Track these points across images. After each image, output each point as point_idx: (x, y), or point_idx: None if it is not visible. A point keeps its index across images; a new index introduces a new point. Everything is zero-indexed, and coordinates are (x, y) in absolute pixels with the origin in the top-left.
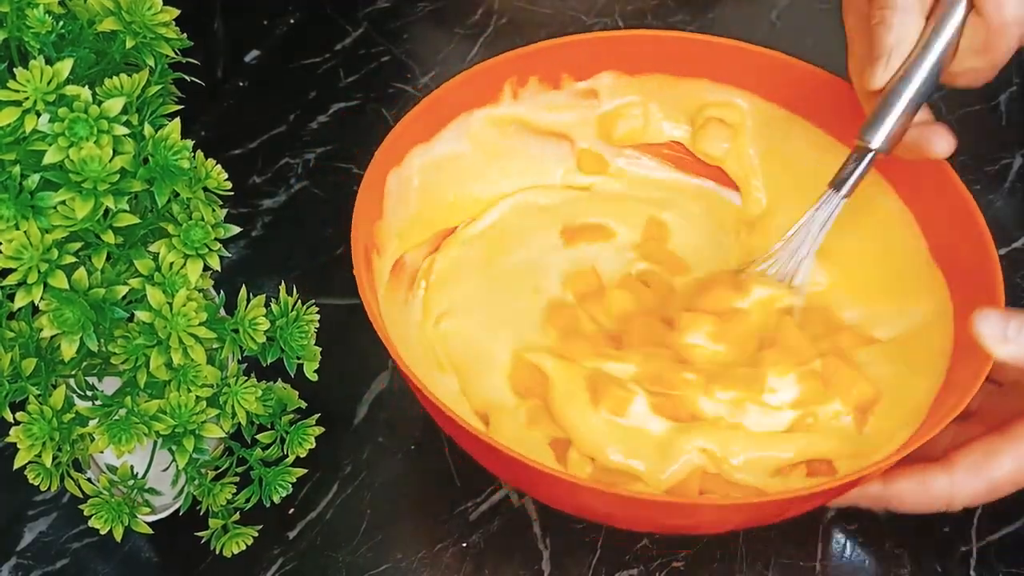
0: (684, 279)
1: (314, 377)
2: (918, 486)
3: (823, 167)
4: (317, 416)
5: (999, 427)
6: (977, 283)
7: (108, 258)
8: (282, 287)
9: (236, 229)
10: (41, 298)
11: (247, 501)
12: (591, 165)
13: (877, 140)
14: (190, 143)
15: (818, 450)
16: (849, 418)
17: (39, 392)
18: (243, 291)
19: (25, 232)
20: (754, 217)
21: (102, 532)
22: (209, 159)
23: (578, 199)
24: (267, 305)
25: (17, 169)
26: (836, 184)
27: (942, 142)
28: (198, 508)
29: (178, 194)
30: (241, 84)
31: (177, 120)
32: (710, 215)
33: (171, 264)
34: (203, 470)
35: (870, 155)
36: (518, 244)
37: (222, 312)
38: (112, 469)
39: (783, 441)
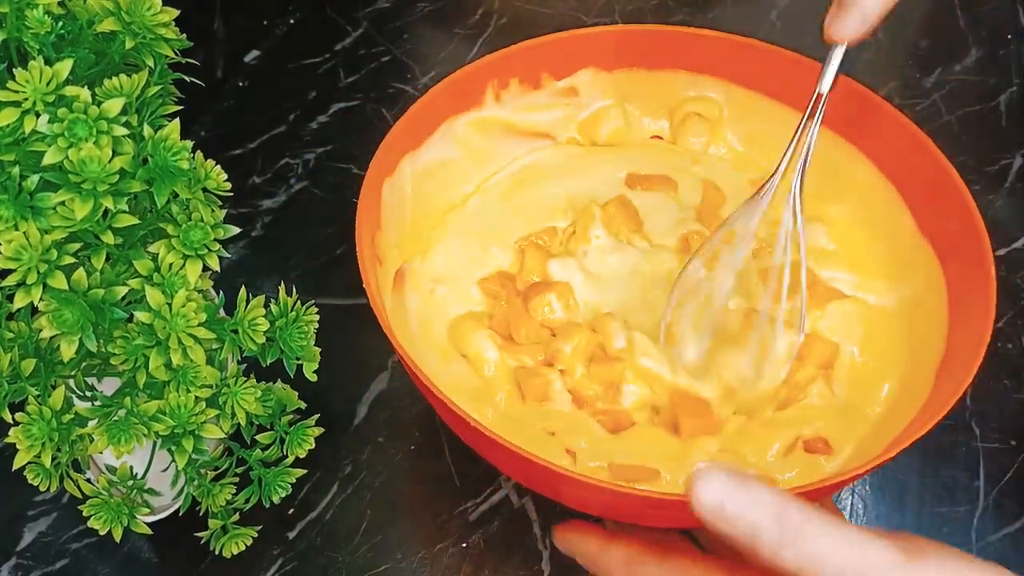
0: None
1: (313, 378)
2: (627, 562)
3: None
4: (317, 416)
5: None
6: (967, 255)
7: (107, 259)
8: (281, 287)
9: (235, 230)
10: (40, 299)
11: (247, 501)
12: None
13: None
14: (189, 144)
15: (810, 428)
16: (821, 384)
17: (38, 393)
18: (243, 291)
19: (24, 233)
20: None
21: (101, 532)
22: (209, 159)
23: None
24: (267, 305)
25: (16, 170)
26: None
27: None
28: (198, 508)
29: (177, 195)
30: (241, 84)
31: (176, 121)
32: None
33: (170, 265)
34: (203, 471)
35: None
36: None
37: (222, 313)
38: (111, 469)
39: (779, 427)
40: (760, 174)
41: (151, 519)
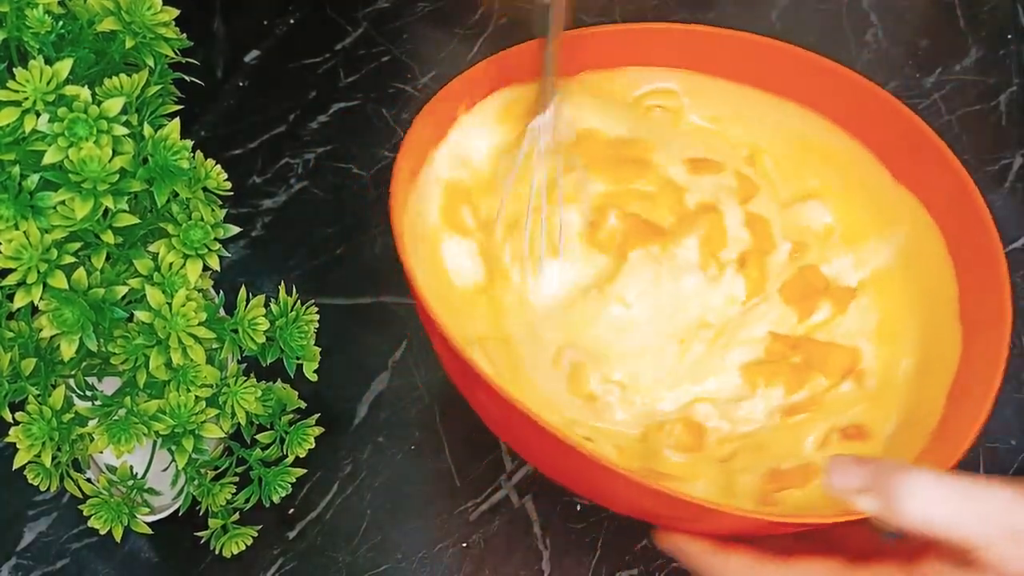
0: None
1: (314, 377)
2: (748, 570)
3: (768, 120)
4: (317, 416)
5: (903, 559)
6: (950, 192)
7: (108, 258)
8: (281, 287)
9: (236, 229)
10: (41, 298)
11: (247, 501)
12: None
13: None
14: (190, 143)
15: (843, 421)
16: (849, 384)
17: (39, 392)
18: (243, 291)
19: (25, 232)
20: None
21: (102, 532)
22: (209, 159)
23: None
24: (267, 305)
25: (17, 169)
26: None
27: None
28: (198, 508)
29: (178, 194)
30: (241, 84)
31: (177, 120)
32: None
33: (170, 264)
34: (203, 470)
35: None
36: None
37: (222, 312)
38: (112, 469)
39: (810, 421)
40: (747, 151)
41: (151, 519)
